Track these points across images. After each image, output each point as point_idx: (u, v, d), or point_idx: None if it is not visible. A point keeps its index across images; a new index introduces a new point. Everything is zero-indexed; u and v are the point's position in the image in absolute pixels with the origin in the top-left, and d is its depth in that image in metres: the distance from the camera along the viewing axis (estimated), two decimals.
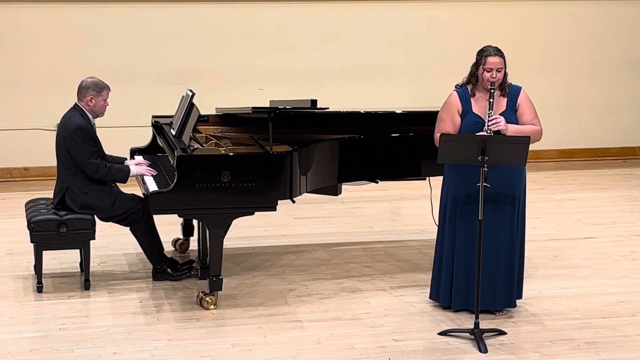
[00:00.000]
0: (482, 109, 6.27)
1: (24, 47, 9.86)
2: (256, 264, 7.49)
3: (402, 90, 10.52)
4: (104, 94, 6.82)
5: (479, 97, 6.31)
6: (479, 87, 6.31)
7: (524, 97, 6.35)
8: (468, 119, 6.29)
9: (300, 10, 10.33)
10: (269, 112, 6.60)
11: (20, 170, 10.09)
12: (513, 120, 6.27)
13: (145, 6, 10.02)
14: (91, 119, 6.82)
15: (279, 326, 6.28)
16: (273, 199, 6.50)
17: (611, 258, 7.69)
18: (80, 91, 6.82)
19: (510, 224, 6.29)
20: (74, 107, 6.84)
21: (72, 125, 6.72)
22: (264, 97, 8.80)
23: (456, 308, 6.42)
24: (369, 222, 8.66)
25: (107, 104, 6.86)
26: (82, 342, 6.01)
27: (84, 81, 6.84)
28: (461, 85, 6.39)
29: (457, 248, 6.34)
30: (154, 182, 6.76)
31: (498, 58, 6.23)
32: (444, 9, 10.60)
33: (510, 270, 6.34)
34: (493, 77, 6.20)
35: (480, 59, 6.26)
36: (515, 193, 6.29)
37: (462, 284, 6.36)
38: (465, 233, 6.30)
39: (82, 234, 6.76)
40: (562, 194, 9.69)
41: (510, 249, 6.31)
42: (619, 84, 11.20)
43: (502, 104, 6.31)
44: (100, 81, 6.85)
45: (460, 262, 6.34)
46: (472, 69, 6.33)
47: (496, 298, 6.35)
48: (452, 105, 6.34)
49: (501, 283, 6.33)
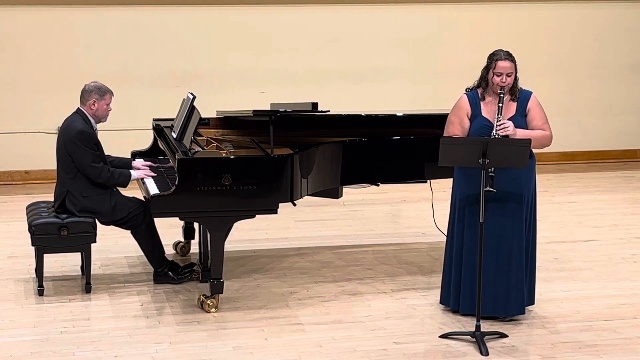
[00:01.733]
0: (491, 113, 6.24)
1: (25, 50, 9.87)
2: (257, 266, 7.48)
3: (403, 93, 10.52)
4: (106, 98, 6.82)
5: (489, 101, 6.29)
6: (489, 90, 6.29)
7: (534, 102, 6.32)
8: (477, 122, 6.27)
9: (301, 13, 10.33)
10: (270, 115, 6.59)
11: (21, 174, 10.09)
12: (522, 125, 6.24)
13: (146, 9, 10.03)
14: (93, 124, 6.82)
15: (280, 329, 6.28)
16: (274, 202, 6.49)
17: (612, 260, 7.68)
18: (83, 95, 6.82)
19: (519, 227, 6.24)
20: (76, 111, 6.85)
21: (73, 129, 6.72)
22: (265, 100, 8.79)
23: (464, 312, 6.38)
24: (370, 225, 8.66)
25: (109, 108, 6.86)
26: (83, 345, 6.01)
27: (87, 85, 6.85)
28: (472, 88, 6.37)
29: (466, 251, 6.31)
30: (155, 185, 6.76)
31: (508, 62, 6.20)
32: (445, 11, 10.61)
33: (521, 274, 6.29)
34: (503, 82, 6.18)
35: (490, 63, 6.24)
36: (524, 195, 6.24)
37: (469, 287, 6.31)
38: (473, 236, 6.26)
39: (83, 237, 6.76)
40: (564, 197, 9.68)
41: (520, 252, 6.26)
42: (621, 86, 11.20)
43: (512, 109, 6.29)
44: (103, 85, 6.85)
45: (468, 265, 6.30)
46: (482, 73, 6.30)
47: (508, 305, 6.26)
48: (461, 109, 6.32)
49: (513, 288, 6.25)
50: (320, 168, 6.83)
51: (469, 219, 6.28)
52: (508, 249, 6.22)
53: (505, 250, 6.22)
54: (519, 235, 6.25)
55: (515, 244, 6.24)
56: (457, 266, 6.35)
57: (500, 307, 6.28)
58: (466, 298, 6.33)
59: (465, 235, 6.30)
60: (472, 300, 6.27)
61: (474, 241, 6.22)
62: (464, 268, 6.32)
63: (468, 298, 6.32)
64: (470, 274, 6.29)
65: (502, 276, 6.24)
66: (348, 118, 7.34)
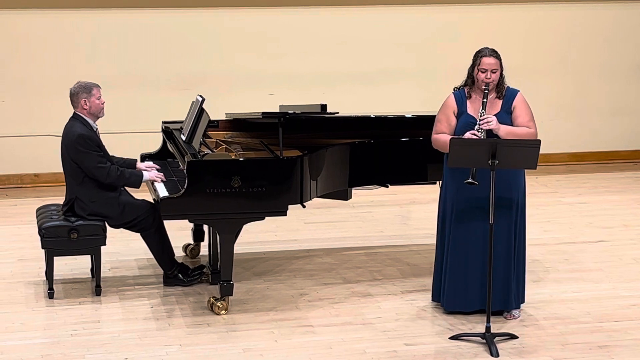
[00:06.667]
0: (476, 110, 6.30)
1: (34, 53, 9.88)
2: (267, 268, 7.48)
3: (411, 94, 10.50)
4: (94, 92, 6.79)
5: (475, 99, 6.35)
6: (475, 88, 6.36)
7: (520, 100, 6.35)
8: (462, 119, 6.33)
9: (309, 15, 10.33)
10: (279, 117, 6.60)
11: (30, 177, 10.10)
12: (507, 122, 6.28)
13: (155, 12, 10.04)
14: (92, 124, 6.80)
15: (290, 331, 6.28)
16: (283, 204, 6.49)
17: (623, 261, 7.67)
18: (72, 99, 6.82)
19: (507, 229, 6.31)
20: (73, 116, 6.82)
21: (73, 135, 6.71)
22: (273, 102, 8.78)
23: (449, 309, 6.46)
24: (379, 227, 8.65)
25: (102, 101, 6.83)
26: (94, 347, 6.02)
27: (71, 89, 6.83)
28: (459, 87, 6.44)
29: (454, 250, 6.35)
30: (165, 187, 6.77)
31: (493, 59, 6.25)
32: (453, 12, 10.60)
33: (507, 274, 6.35)
34: (487, 78, 6.23)
35: (475, 60, 6.32)
36: (514, 197, 6.30)
37: (454, 286, 6.39)
38: (461, 236, 6.31)
39: (93, 240, 6.77)
40: (573, 197, 9.67)
41: (507, 253, 6.33)
42: (630, 86, 11.17)
43: (497, 106, 6.33)
44: (87, 82, 6.83)
45: (458, 265, 6.36)
46: (468, 70, 6.38)
47: (495, 301, 6.29)
48: (448, 107, 6.38)
49: (495, 286, 6.28)
50: (329, 170, 6.83)
51: (460, 220, 6.31)
52: (495, 249, 6.22)
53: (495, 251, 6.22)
54: (507, 235, 6.31)
55: (503, 244, 6.29)
56: (451, 265, 6.41)
57: (483, 301, 6.31)
58: (457, 296, 6.41)
59: (456, 236, 6.33)
60: (455, 298, 6.40)
61: (464, 241, 6.31)
62: (450, 267, 6.38)
63: (458, 296, 6.41)
64: (460, 273, 6.36)
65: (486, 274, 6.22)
66: (357, 120, 7.34)
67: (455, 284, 6.40)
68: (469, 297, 6.38)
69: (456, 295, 6.41)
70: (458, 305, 6.44)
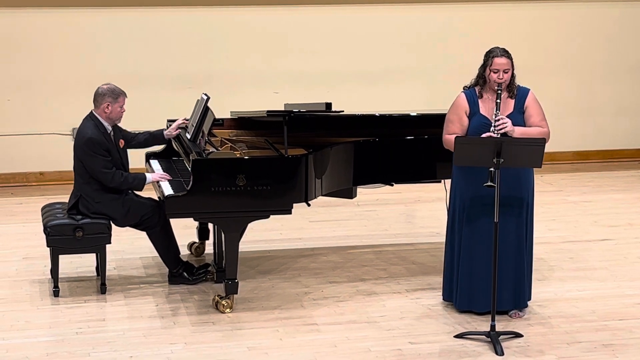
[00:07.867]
0: (489, 110, 6.26)
1: (39, 52, 9.89)
2: (272, 267, 7.49)
3: (416, 93, 10.51)
4: (120, 100, 6.80)
5: (487, 99, 6.31)
6: (486, 88, 6.31)
7: (532, 99, 6.33)
8: (475, 120, 6.29)
9: (315, 14, 10.33)
10: (283, 116, 6.60)
11: (36, 175, 10.12)
12: (520, 122, 6.26)
13: (160, 11, 10.05)
14: (107, 127, 6.79)
15: (295, 329, 6.28)
16: (288, 202, 6.50)
17: (628, 260, 7.66)
18: (97, 98, 6.79)
19: (517, 227, 6.29)
20: (89, 115, 6.81)
21: (83, 137, 6.71)
22: (278, 101, 8.80)
23: (462, 309, 6.45)
24: (384, 225, 8.66)
25: (123, 110, 6.84)
26: (99, 346, 6.03)
27: (100, 88, 6.81)
28: (469, 86, 6.40)
29: (466, 249, 6.34)
30: (170, 186, 6.78)
31: (505, 59, 6.23)
32: (457, 11, 10.60)
33: (519, 273, 6.34)
34: (500, 78, 6.20)
35: (487, 60, 6.27)
36: (524, 196, 6.29)
37: (466, 285, 6.38)
38: (472, 235, 6.30)
39: (98, 238, 6.78)
40: (578, 196, 9.66)
41: (519, 252, 6.31)
42: (634, 85, 11.17)
43: (510, 106, 6.30)
44: (117, 87, 6.83)
45: (471, 264, 6.34)
46: (479, 70, 6.34)
47: (501, 299, 6.30)
48: (459, 107, 6.34)
49: (507, 285, 6.30)
50: (334, 168, 6.83)
51: (469, 219, 6.30)
52: (506, 248, 6.23)
53: (503, 249, 6.22)
54: (517, 234, 6.29)
55: (513, 242, 6.29)
56: (461, 264, 6.39)
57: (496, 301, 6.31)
58: (464, 296, 6.41)
59: (465, 234, 6.32)
60: (469, 298, 6.38)
61: (473, 240, 6.29)
62: (461, 266, 6.36)
63: (465, 296, 6.40)
64: (467, 272, 6.35)
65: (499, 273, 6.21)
66: (362, 118, 7.34)
67: (468, 284, 6.37)
68: (482, 297, 6.31)
69: (469, 294, 6.38)
70: (471, 305, 6.40)
